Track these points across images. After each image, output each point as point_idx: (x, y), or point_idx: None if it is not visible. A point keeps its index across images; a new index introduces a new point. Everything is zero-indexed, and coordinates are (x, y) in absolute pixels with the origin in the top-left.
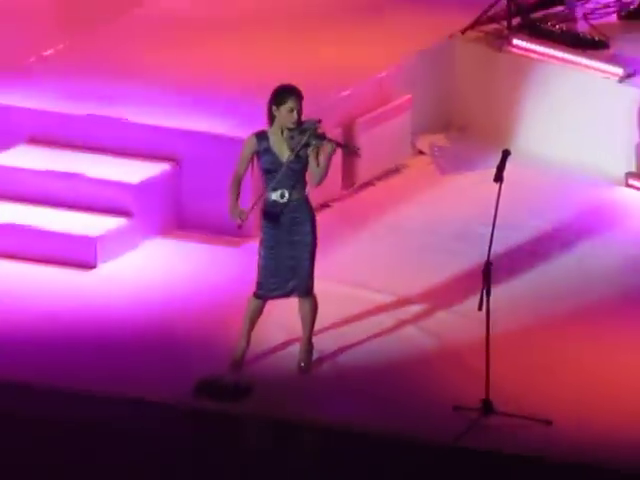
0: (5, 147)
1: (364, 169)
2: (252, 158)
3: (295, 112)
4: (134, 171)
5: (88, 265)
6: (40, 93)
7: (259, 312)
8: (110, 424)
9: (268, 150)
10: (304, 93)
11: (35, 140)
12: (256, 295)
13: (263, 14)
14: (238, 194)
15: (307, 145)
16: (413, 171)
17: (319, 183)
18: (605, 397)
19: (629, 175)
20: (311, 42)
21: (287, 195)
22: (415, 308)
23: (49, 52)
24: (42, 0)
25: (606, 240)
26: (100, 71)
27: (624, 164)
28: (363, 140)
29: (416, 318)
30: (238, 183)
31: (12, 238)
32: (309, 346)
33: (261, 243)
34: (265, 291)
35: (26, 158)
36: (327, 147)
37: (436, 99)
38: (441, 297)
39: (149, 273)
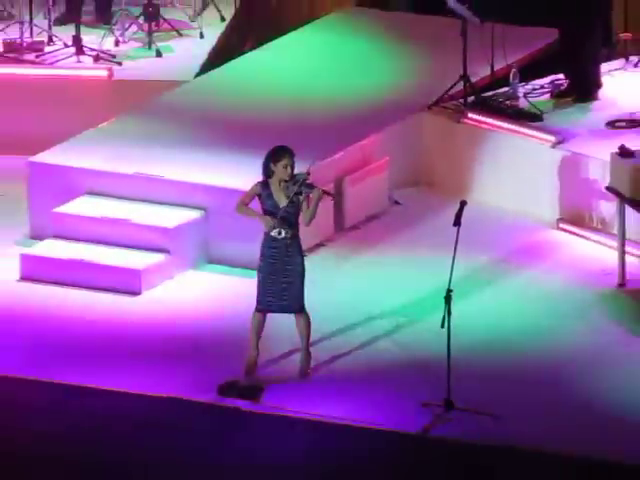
0: (69, 199)
1: (351, 216)
2: (253, 197)
3: (289, 167)
4: (171, 217)
5: (134, 292)
6: (96, 156)
7: (261, 324)
8: (148, 418)
9: (270, 196)
10: (306, 157)
11: (92, 193)
12: (257, 309)
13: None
14: (252, 211)
15: (299, 193)
16: (390, 218)
17: (309, 223)
18: (545, 394)
19: (559, 220)
20: (312, 117)
21: (283, 233)
22: (391, 325)
23: (103, 124)
24: (98, 83)
25: (542, 271)
26: (143, 138)
27: (556, 211)
28: (351, 193)
29: (391, 333)
30: (246, 205)
31: (75, 271)
32: (307, 355)
33: (260, 270)
34: (263, 306)
35: (85, 207)
36: (315, 194)
37: (408, 160)
38: (411, 316)
39: (183, 299)
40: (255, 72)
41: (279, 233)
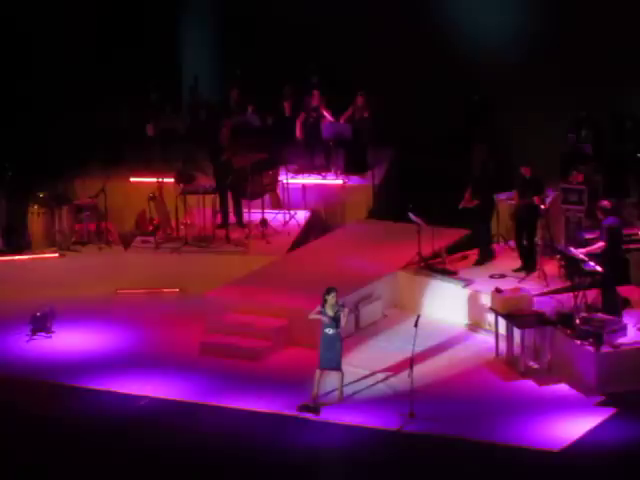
0: (225, 309)
1: (363, 322)
2: (319, 313)
3: (333, 298)
4: (274, 321)
5: (259, 358)
6: (233, 292)
7: (321, 375)
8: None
9: (324, 312)
10: (341, 291)
11: (230, 308)
12: (318, 367)
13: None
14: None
15: (339, 311)
16: (384, 322)
17: (344, 326)
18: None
19: (468, 324)
20: (345, 272)
21: (333, 330)
22: (385, 375)
23: (240, 277)
24: (240, 256)
25: (457, 349)
26: (265, 281)
27: (465, 319)
28: (362, 310)
29: (384, 380)
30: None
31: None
32: (341, 391)
33: (321, 347)
34: (322, 366)
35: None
36: (346, 311)
37: (392, 294)
38: (397, 373)
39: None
40: (315, 250)
41: (330, 330)
